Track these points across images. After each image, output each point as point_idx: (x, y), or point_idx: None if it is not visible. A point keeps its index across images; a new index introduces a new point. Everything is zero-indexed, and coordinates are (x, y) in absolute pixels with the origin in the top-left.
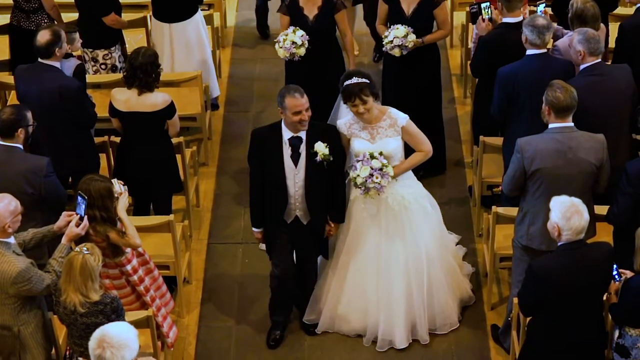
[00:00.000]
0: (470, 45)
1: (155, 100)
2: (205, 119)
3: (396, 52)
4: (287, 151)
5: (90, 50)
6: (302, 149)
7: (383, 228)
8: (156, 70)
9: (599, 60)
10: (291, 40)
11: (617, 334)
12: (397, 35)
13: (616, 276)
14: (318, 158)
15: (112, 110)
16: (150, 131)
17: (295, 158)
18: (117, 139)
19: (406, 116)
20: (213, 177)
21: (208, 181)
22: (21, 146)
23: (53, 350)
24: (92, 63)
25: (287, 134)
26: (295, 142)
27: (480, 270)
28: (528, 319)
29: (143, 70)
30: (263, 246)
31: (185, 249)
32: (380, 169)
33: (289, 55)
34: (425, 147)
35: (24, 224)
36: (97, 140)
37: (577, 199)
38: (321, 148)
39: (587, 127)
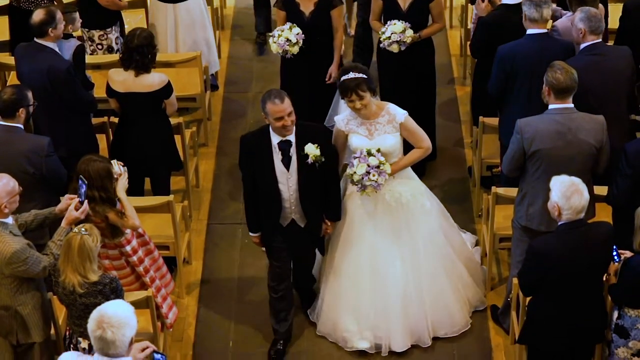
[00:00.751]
0: (470, 26)
1: (152, 80)
2: (204, 100)
3: (394, 48)
4: (277, 156)
5: (87, 30)
6: (293, 152)
7: (379, 225)
8: (152, 51)
9: (600, 40)
10: (286, 37)
11: (616, 314)
12: (395, 31)
13: (615, 257)
14: (309, 160)
15: (110, 91)
16: (148, 111)
17: (286, 162)
18: (116, 120)
19: (405, 112)
20: (213, 158)
21: (208, 161)
22: (22, 126)
23: (53, 331)
24: (89, 43)
25: (275, 138)
26: (284, 146)
27: (479, 250)
28: (528, 299)
29: (139, 52)
30: None
31: (185, 229)
32: (378, 167)
33: (281, 51)
34: (424, 143)
35: (24, 204)
36: (95, 121)
37: (577, 179)
38: (311, 149)
39: (585, 107)
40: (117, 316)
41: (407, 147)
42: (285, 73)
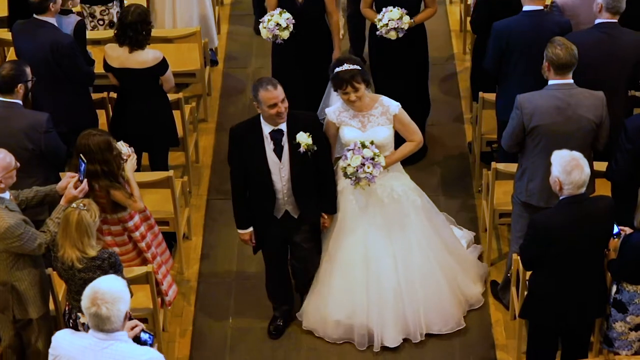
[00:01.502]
0: (470, 1)
1: (146, 57)
2: (204, 75)
3: (392, 35)
4: (269, 146)
5: (88, 5)
6: (284, 141)
7: (371, 221)
8: (147, 28)
9: (615, 20)
10: (276, 22)
11: (614, 289)
12: (392, 18)
13: (615, 233)
14: (301, 149)
15: (106, 66)
16: (143, 87)
17: (278, 152)
18: (116, 95)
19: (398, 104)
20: (212, 133)
21: (207, 137)
22: (21, 102)
23: (52, 306)
24: (90, 19)
25: (267, 128)
26: (276, 136)
27: (479, 226)
28: (528, 274)
29: (133, 29)
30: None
31: (185, 205)
32: (372, 159)
33: (271, 36)
34: (416, 136)
35: (24, 180)
36: (95, 96)
37: (578, 153)
38: (304, 138)
39: (586, 82)
40: (111, 292)
41: (398, 141)
42: (276, 60)
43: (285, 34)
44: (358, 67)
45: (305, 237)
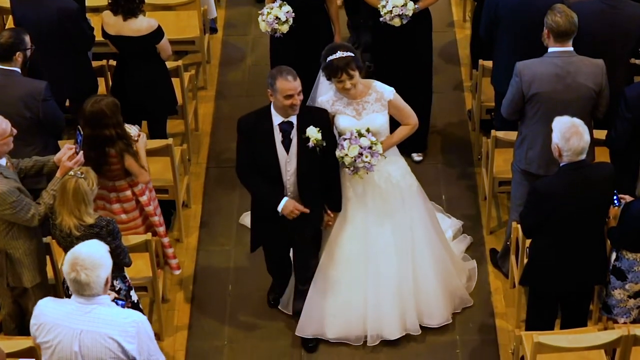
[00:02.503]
0: None
1: (140, 25)
2: (203, 43)
3: (396, 22)
4: (277, 137)
5: None
6: (294, 134)
7: (370, 208)
8: None
9: None
10: (275, 15)
11: (614, 256)
12: (396, 4)
13: (615, 201)
14: (310, 144)
15: (104, 33)
16: (140, 55)
17: (286, 144)
18: (115, 63)
19: (392, 89)
20: (212, 101)
21: (207, 105)
22: (19, 70)
23: (52, 274)
24: None
25: (277, 118)
26: (286, 128)
27: (479, 194)
28: (529, 241)
29: None
30: (244, 220)
31: (184, 172)
32: (370, 147)
33: (270, 30)
34: (412, 120)
35: (22, 147)
36: (95, 64)
37: (579, 120)
38: (313, 133)
39: (587, 52)
40: (91, 258)
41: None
42: (275, 54)
43: (285, 28)
44: (351, 54)
45: (307, 234)
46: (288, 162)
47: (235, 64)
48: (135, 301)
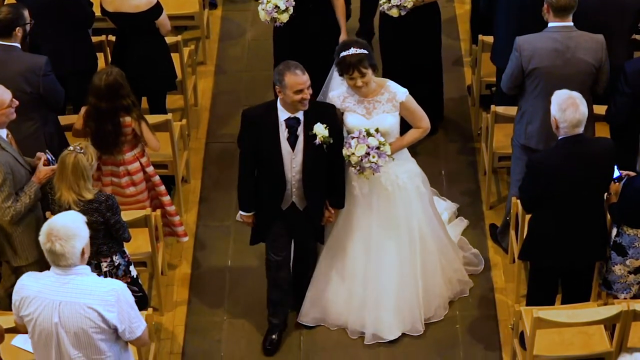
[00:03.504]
0: None
1: (139, 1)
2: (203, 18)
3: (394, 13)
4: (283, 133)
5: None
6: (300, 130)
7: (375, 209)
8: None
9: None
10: (274, 4)
11: (615, 232)
12: None
13: (616, 177)
14: (317, 141)
15: (102, 10)
16: (140, 31)
17: (292, 141)
18: (114, 38)
19: (405, 91)
20: (211, 76)
21: (206, 80)
22: (19, 45)
23: None
24: None
25: (283, 114)
26: (292, 123)
27: (479, 169)
28: (528, 216)
29: None
30: (239, 217)
31: (184, 148)
32: (378, 148)
33: (269, 19)
34: (423, 123)
35: (22, 122)
36: (94, 39)
37: (577, 93)
38: (320, 130)
39: (586, 27)
40: (66, 228)
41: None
42: (278, 44)
43: (285, 17)
44: (365, 52)
45: (309, 232)
46: (293, 159)
47: (235, 39)
48: (135, 276)
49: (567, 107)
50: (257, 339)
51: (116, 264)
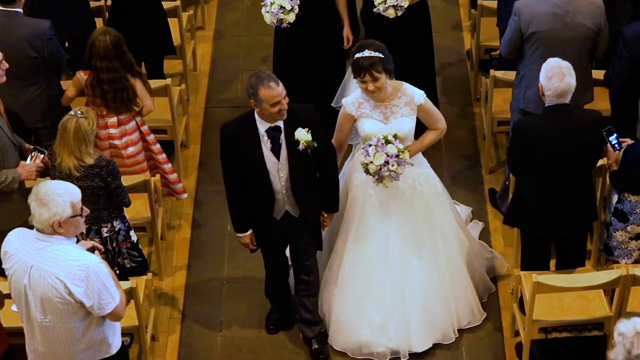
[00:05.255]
0: None
1: None
2: None
3: (390, 14)
4: (265, 145)
5: None
6: (282, 139)
7: (393, 217)
8: None
9: None
10: (279, 5)
11: (615, 198)
12: None
13: (616, 145)
14: (301, 147)
15: None
16: None
17: (276, 151)
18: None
19: (422, 93)
20: (210, 41)
21: (205, 45)
22: (22, 11)
23: None
24: None
25: (262, 126)
26: (273, 134)
27: (478, 134)
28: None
29: None
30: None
31: (183, 113)
32: (397, 156)
33: (276, 21)
34: (440, 124)
35: (26, 88)
36: (92, 4)
37: (566, 63)
38: (302, 135)
39: None
40: (47, 193)
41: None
42: (279, 46)
43: (291, 17)
44: (380, 55)
45: (307, 238)
46: (280, 169)
47: (234, 3)
48: (135, 241)
49: (553, 76)
50: (256, 303)
51: (116, 229)
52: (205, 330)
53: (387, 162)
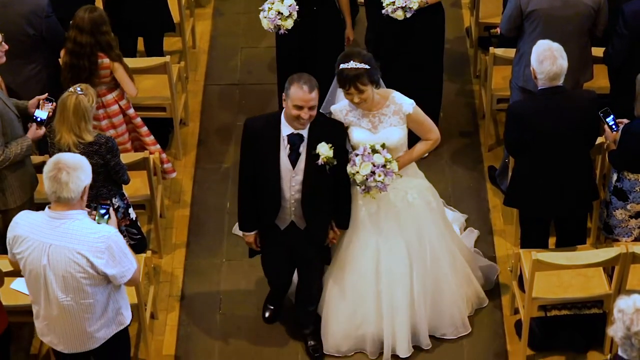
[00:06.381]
0: None
1: None
2: None
3: (399, 15)
4: (284, 150)
5: None
6: (303, 148)
7: (383, 228)
8: None
9: None
10: (277, 10)
11: (615, 177)
12: None
13: (613, 126)
14: (320, 161)
15: None
16: None
17: (293, 158)
18: None
19: (412, 102)
20: (209, 18)
21: (204, 22)
22: None
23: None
24: None
25: (286, 129)
26: (294, 140)
27: (477, 111)
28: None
29: None
30: (237, 230)
31: (182, 90)
32: (384, 166)
33: (273, 27)
34: (433, 134)
35: (25, 65)
36: None
37: (557, 45)
38: (324, 151)
39: None
40: (75, 159)
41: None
42: (281, 51)
43: (289, 23)
44: (366, 67)
45: (310, 253)
46: (293, 177)
47: None
48: (134, 219)
49: (545, 59)
50: (255, 280)
51: (115, 206)
52: (204, 309)
53: (373, 173)
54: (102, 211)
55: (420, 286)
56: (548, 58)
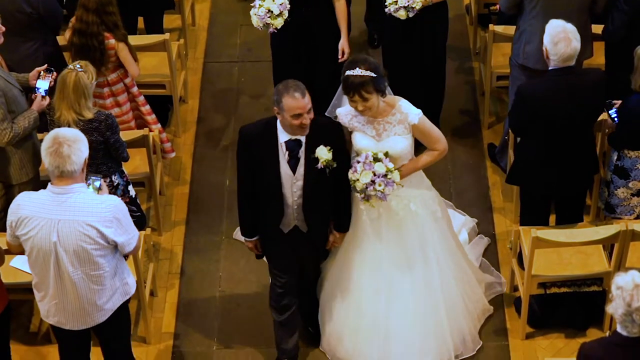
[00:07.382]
0: None
1: None
2: None
3: (402, 15)
4: (283, 156)
5: None
6: (301, 153)
7: (384, 237)
8: None
9: None
10: (267, 8)
11: (615, 156)
12: None
13: (615, 118)
14: (319, 165)
15: None
16: None
17: (293, 164)
18: None
19: (419, 112)
20: None
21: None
22: None
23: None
24: None
25: (283, 136)
26: (293, 146)
27: (477, 89)
28: (518, 139)
29: None
30: (238, 235)
31: (181, 68)
32: (385, 175)
33: (262, 25)
34: (439, 145)
35: (22, 44)
36: None
37: (571, 26)
38: (323, 154)
39: None
40: (73, 133)
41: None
42: (275, 51)
43: (279, 22)
44: (372, 74)
45: (316, 255)
46: (295, 183)
47: None
48: (133, 196)
49: (559, 41)
50: (255, 259)
51: (115, 183)
52: (203, 286)
53: (373, 182)
54: (97, 183)
55: (426, 300)
56: (563, 40)
